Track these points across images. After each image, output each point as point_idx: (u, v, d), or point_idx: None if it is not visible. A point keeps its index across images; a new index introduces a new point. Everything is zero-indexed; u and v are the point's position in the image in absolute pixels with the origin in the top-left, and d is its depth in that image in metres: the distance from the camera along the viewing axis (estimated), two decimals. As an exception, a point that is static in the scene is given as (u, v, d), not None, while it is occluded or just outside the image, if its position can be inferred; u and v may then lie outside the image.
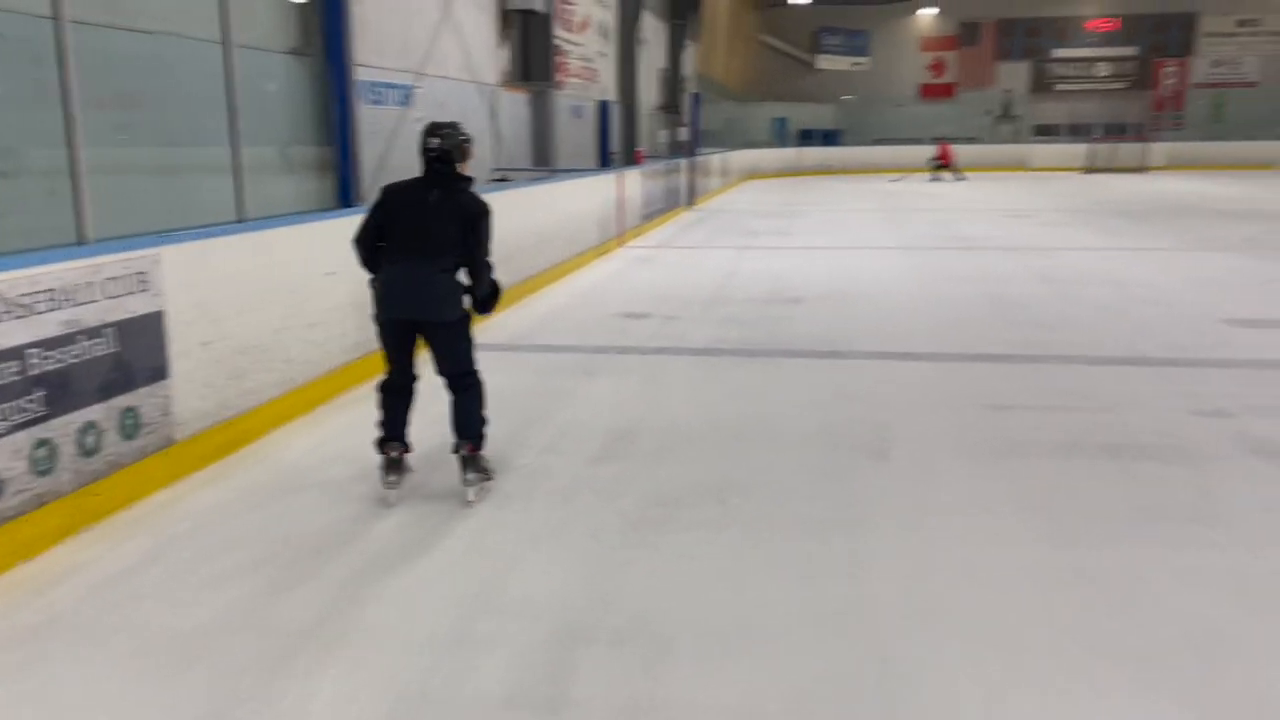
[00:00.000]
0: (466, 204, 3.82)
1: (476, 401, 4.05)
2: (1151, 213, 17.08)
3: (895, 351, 6.63)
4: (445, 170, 3.82)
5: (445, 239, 3.77)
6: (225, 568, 3.40)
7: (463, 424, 4.02)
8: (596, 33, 19.27)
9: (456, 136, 3.87)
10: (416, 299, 3.78)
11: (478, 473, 4.02)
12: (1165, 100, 36.38)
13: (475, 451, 4.03)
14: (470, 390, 4.04)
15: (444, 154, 3.81)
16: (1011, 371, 6.08)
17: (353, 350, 5.72)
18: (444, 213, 3.78)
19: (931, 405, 5.32)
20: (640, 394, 5.65)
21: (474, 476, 4.00)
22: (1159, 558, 3.42)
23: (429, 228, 3.76)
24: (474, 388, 4.05)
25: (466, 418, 4.02)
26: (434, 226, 3.76)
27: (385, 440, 4.05)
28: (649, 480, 4.21)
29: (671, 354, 6.67)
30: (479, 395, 4.07)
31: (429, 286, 3.76)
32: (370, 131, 9.87)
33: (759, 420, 5.08)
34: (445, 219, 3.77)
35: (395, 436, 4.06)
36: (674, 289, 9.36)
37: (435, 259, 3.76)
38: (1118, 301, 8.39)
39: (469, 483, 3.98)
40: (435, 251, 3.76)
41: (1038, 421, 5.00)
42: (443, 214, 3.77)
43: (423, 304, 3.79)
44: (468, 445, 4.01)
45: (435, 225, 3.77)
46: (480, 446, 4.06)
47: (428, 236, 3.76)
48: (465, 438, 4.01)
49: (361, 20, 9.64)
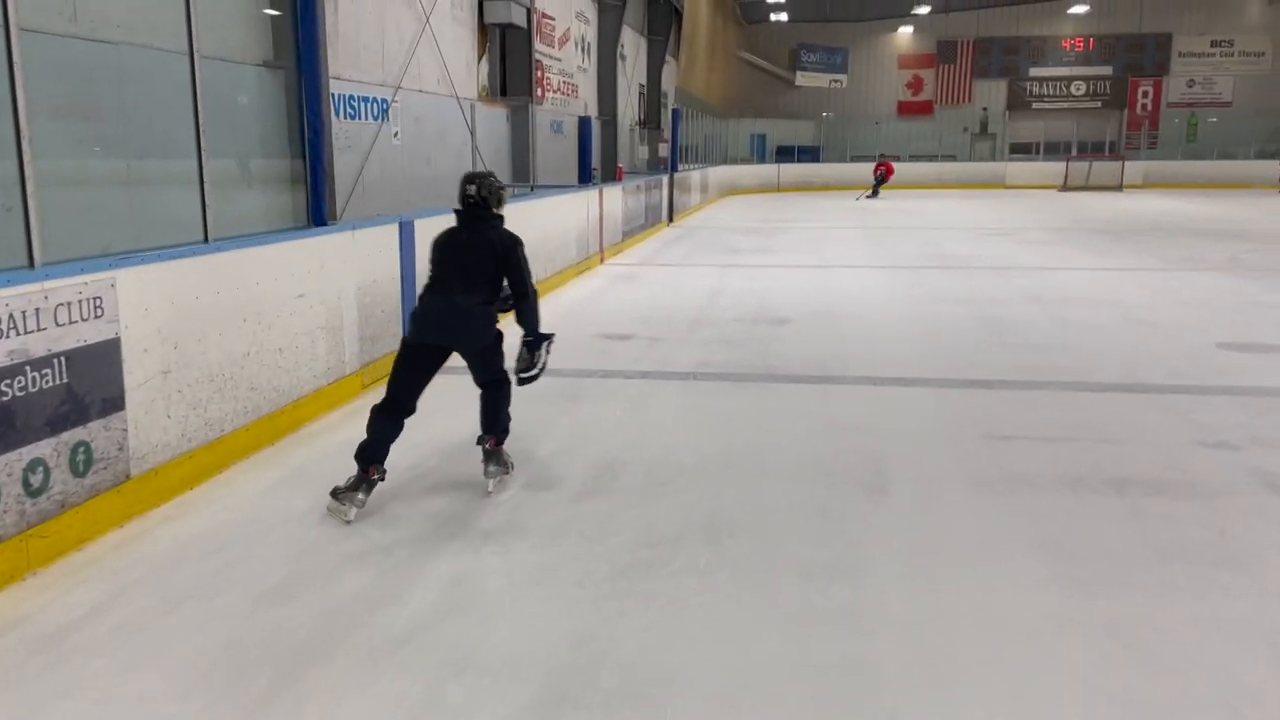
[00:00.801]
0: (497, 239, 4.10)
1: (504, 400, 4.33)
2: (1132, 231, 17.08)
3: (888, 376, 6.44)
4: (480, 213, 4.13)
5: (479, 274, 4.06)
6: (182, 621, 3.13)
7: (489, 420, 4.32)
8: (577, 48, 19.11)
9: (492, 184, 4.19)
10: (453, 329, 4.09)
11: (498, 465, 4.33)
12: (1140, 119, 36.72)
13: (497, 446, 4.35)
14: (499, 389, 4.32)
15: (482, 201, 4.13)
16: (1008, 399, 5.90)
17: (324, 376, 5.46)
18: (476, 249, 4.08)
19: (929, 435, 5.13)
20: (626, 422, 5.42)
21: (494, 469, 4.31)
22: (1181, 607, 3.22)
23: (464, 264, 4.07)
24: (503, 387, 4.32)
25: (493, 414, 4.32)
26: (469, 262, 4.07)
27: (370, 461, 4.03)
28: (637, 518, 3.98)
29: (657, 378, 6.45)
30: (507, 395, 4.34)
31: (466, 319, 4.08)
32: (345, 146, 9.61)
33: (750, 451, 4.86)
34: (479, 255, 4.07)
35: (378, 460, 4.06)
36: (657, 308, 9.15)
37: (471, 293, 4.06)
38: (1109, 323, 8.26)
39: (490, 474, 4.29)
40: (470, 286, 4.06)
41: (1040, 453, 4.81)
42: (476, 250, 4.07)
43: (460, 334, 4.11)
44: (491, 440, 4.32)
45: (470, 261, 4.07)
46: (502, 441, 4.36)
47: (464, 272, 4.06)
48: (490, 432, 4.33)
49: (336, 33, 9.40)
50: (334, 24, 9.32)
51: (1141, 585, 3.38)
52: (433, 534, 3.81)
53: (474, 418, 4.39)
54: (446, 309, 4.06)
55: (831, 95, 38.28)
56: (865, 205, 24.42)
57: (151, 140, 6.17)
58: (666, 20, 25.44)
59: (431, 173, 11.89)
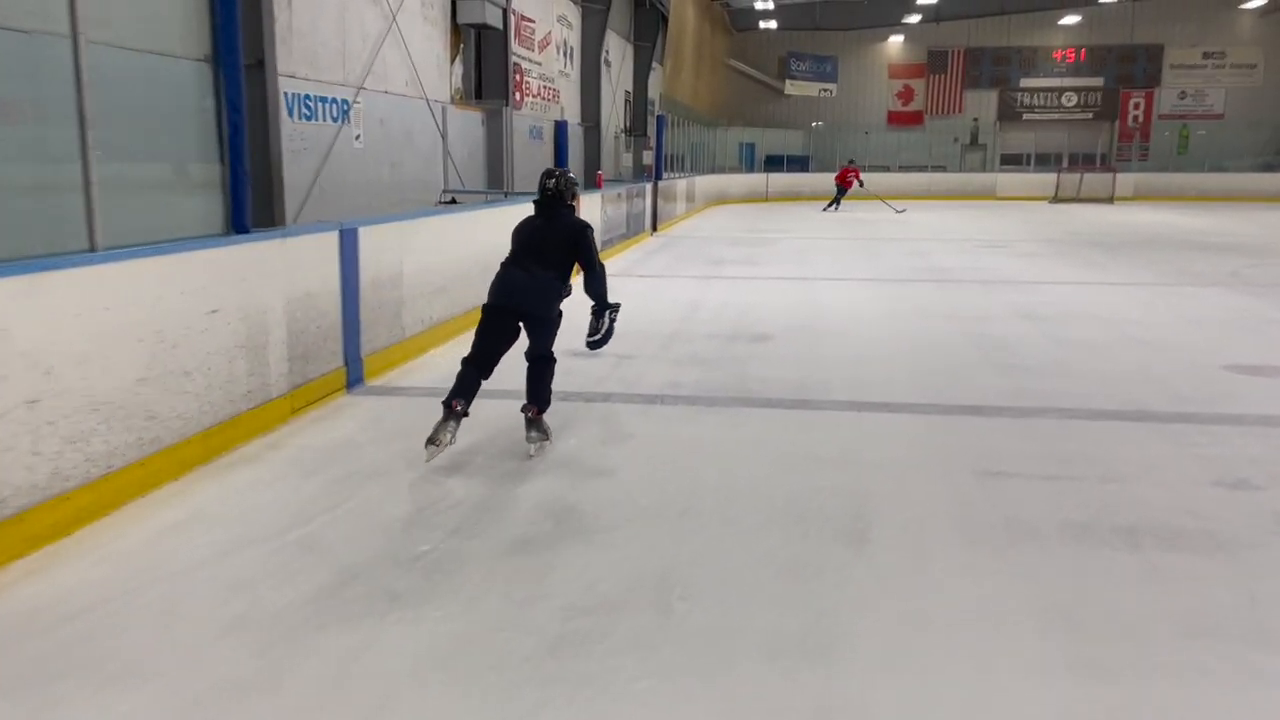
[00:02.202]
0: (570, 225, 4.77)
1: (548, 375, 4.81)
2: (1127, 244, 16.64)
3: (872, 401, 5.91)
4: (556, 203, 4.75)
5: (553, 254, 4.68)
6: (40, 705, 2.56)
7: (533, 390, 4.78)
8: (559, 52, 18.60)
9: (568, 179, 4.81)
10: (526, 294, 4.66)
11: (539, 432, 4.75)
12: (1131, 131, 36.42)
13: (539, 414, 4.79)
14: (546, 364, 4.81)
15: (558, 193, 4.76)
16: (1003, 428, 5.38)
17: (244, 400, 4.89)
18: (552, 233, 4.71)
19: (916, 469, 4.59)
20: (579, 453, 4.86)
21: (535, 435, 4.74)
22: (1218, 698, 2.69)
23: (541, 245, 4.69)
24: (548, 363, 4.82)
25: (538, 385, 4.78)
26: (545, 244, 4.68)
27: (452, 396, 4.54)
28: (578, 576, 3.43)
29: (620, 401, 5.90)
30: (550, 371, 4.83)
31: (539, 287, 4.65)
32: (300, 148, 9.05)
33: (715, 490, 4.32)
34: (553, 238, 4.69)
35: (460, 395, 4.55)
36: (632, 322, 8.52)
37: (546, 269, 4.66)
38: (1108, 343, 7.75)
39: (531, 440, 4.72)
40: (545, 263, 4.66)
41: (1040, 494, 4.28)
42: (552, 234, 4.70)
43: (531, 298, 4.66)
44: (533, 409, 4.77)
45: (546, 243, 4.69)
46: (543, 410, 4.81)
47: (540, 251, 4.68)
48: (532, 401, 4.78)
49: (291, 28, 8.85)
50: (287, 19, 8.77)
51: (1165, 668, 2.84)
52: (334, 594, 3.25)
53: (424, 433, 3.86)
54: (523, 278, 4.65)
55: (821, 104, 37.90)
56: (853, 216, 23.93)
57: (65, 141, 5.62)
58: (653, 26, 24.96)
59: (398, 177, 11.33)
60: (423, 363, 6.90)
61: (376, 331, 6.45)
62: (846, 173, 25.90)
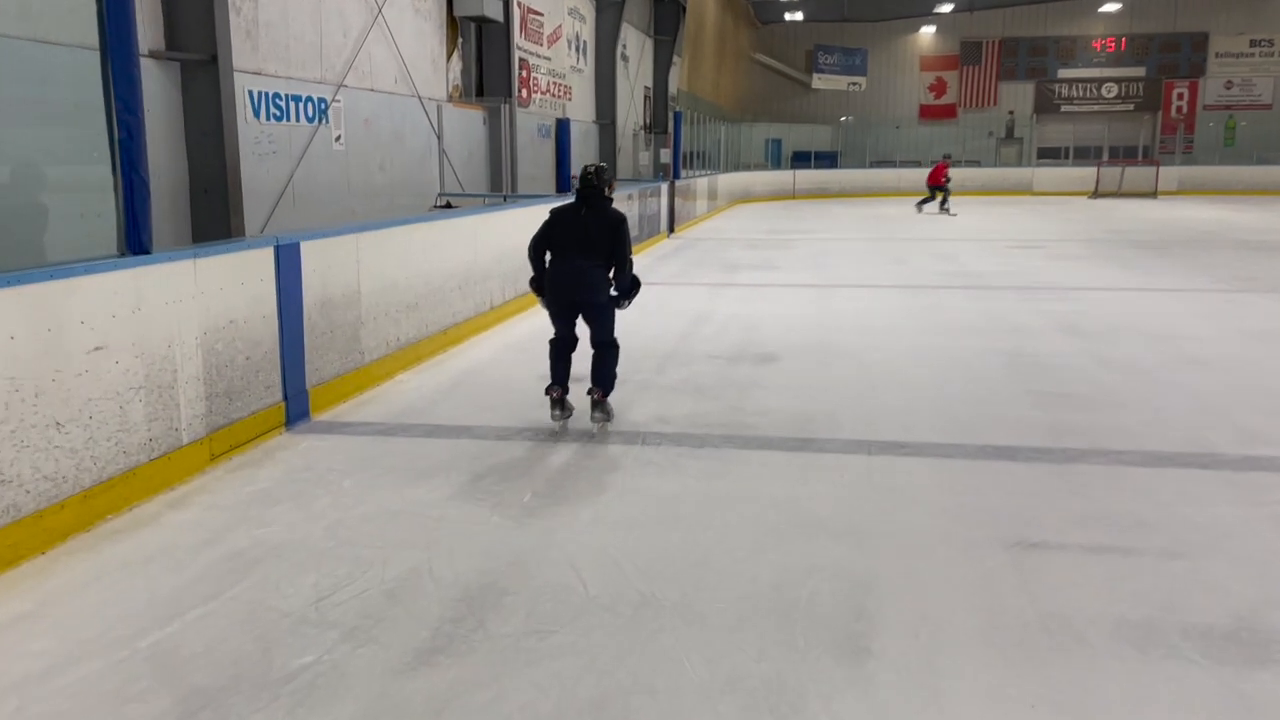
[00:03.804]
0: (609, 216, 5.09)
1: (613, 360, 5.27)
2: (1173, 244, 15.59)
3: (885, 440, 5.09)
4: (594, 195, 5.08)
5: (597, 242, 5.00)
6: None
7: (599, 375, 5.21)
8: (570, 47, 17.85)
9: (606, 174, 5.16)
10: (579, 287, 5.05)
11: (603, 413, 5.19)
12: (1175, 122, 35.03)
13: (604, 397, 5.22)
14: (609, 350, 5.25)
15: (597, 187, 5.08)
16: (1040, 479, 4.53)
17: (143, 451, 4.18)
18: (593, 224, 5.03)
19: (934, 543, 3.77)
20: (531, 515, 4.09)
21: (599, 415, 5.18)
22: None
23: (584, 235, 5.01)
24: (613, 349, 5.27)
25: (603, 369, 5.22)
26: (588, 234, 5.01)
27: (551, 384, 5.22)
28: (489, 704, 2.66)
29: (593, 444, 5.12)
30: (615, 356, 5.28)
31: (587, 278, 5.03)
32: (268, 151, 8.36)
33: (685, 571, 3.53)
34: (595, 228, 5.02)
35: (559, 381, 5.23)
36: (628, 340, 7.72)
37: (591, 258, 5.00)
38: (1162, 363, 6.86)
39: (596, 420, 5.18)
40: (589, 253, 5.00)
41: (1088, 577, 3.45)
42: (592, 225, 5.03)
43: (582, 290, 5.05)
44: (599, 391, 5.20)
45: (589, 233, 5.01)
46: (608, 393, 5.25)
47: (584, 242, 5.00)
48: (598, 384, 5.20)
49: (257, 21, 8.15)
50: (253, 11, 8.08)
51: None
52: None
53: (349, 498, 3.09)
54: (570, 272, 5.05)
55: (850, 98, 36.87)
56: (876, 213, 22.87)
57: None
58: (674, 20, 24.13)
59: (385, 180, 10.63)
60: (385, 391, 6.17)
61: (327, 358, 5.73)
62: (943, 169, 22.64)
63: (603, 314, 5.16)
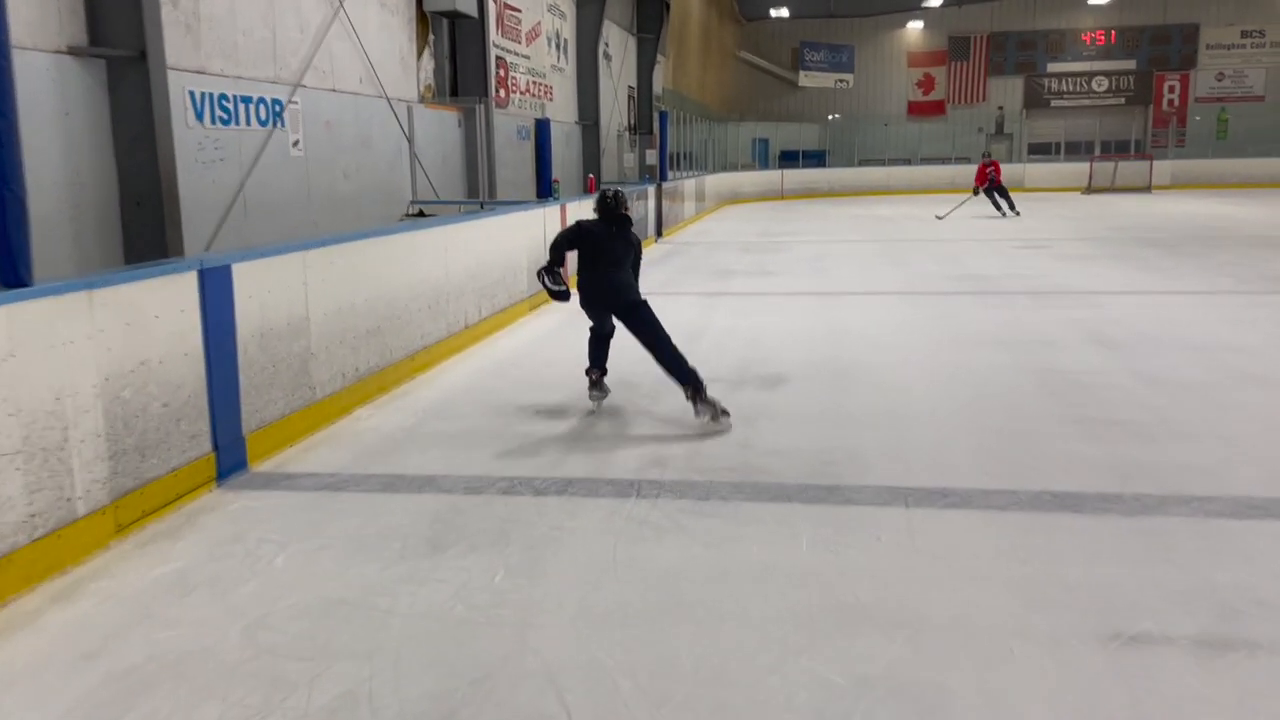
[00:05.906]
0: (633, 239, 5.74)
1: (675, 355, 5.39)
2: (1183, 240, 14.93)
3: (923, 488, 4.32)
4: (617, 213, 5.67)
5: (621, 255, 5.62)
6: None
7: (677, 376, 5.37)
8: (550, 45, 17.06)
9: (622, 196, 5.70)
10: (612, 293, 5.54)
11: (704, 404, 5.28)
12: (1167, 116, 34.51)
13: (697, 392, 5.30)
14: (665, 349, 5.39)
15: (626, 216, 5.70)
16: (1118, 534, 3.78)
17: (22, 531, 3.37)
18: (617, 239, 5.63)
19: (1010, 634, 3.00)
20: (498, 610, 3.29)
21: (702, 408, 5.28)
22: None
23: (611, 249, 5.59)
24: (666, 346, 5.40)
25: (676, 370, 5.38)
26: (614, 248, 5.60)
27: (590, 368, 5.80)
28: None
29: (580, 493, 4.36)
30: (671, 351, 5.40)
31: (616, 283, 5.56)
32: (214, 158, 7.54)
33: (699, 692, 2.75)
34: (619, 243, 5.63)
35: (596, 364, 5.81)
36: (615, 364, 6.95)
37: (620, 267, 5.60)
38: (1215, 381, 6.13)
39: (699, 413, 5.29)
40: (618, 264, 5.59)
41: (1214, 689, 2.69)
42: (617, 240, 5.63)
43: (614, 294, 5.53)
44: (688, 389, 5.32)
45: (615, 248, 5.60)
46: (698, 387, 5.31)
47: (612, 255, 5.58)
48: (684, 384, 5.34)
49: (198, 14, 7.33)
50: (192, 4, 7.26)
51: None
52: None
53: (289, 574, 2.30)
54: (601, 280, 5.53)
55: (837, 96, 36.23)
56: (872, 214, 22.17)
57: None
58: (657, 18, 23.35)
59: (351, 188, 9.81)
60: (339, 430, 5.38)
61: (269, 397, 4.93)
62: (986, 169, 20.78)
63: (643, 314, 5.43)
